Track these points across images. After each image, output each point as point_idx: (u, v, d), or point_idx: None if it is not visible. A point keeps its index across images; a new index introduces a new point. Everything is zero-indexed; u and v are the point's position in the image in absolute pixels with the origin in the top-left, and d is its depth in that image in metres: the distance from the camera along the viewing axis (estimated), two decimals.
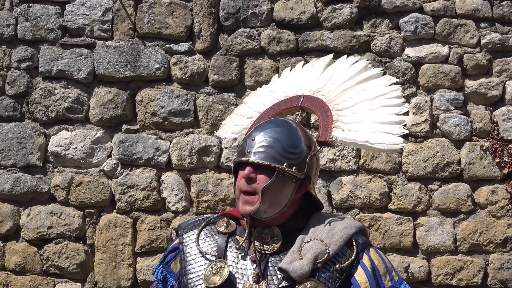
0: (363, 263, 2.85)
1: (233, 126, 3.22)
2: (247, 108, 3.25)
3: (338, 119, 3.04)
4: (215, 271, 2.80)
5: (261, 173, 2.79)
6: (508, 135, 5.91)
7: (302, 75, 3.32)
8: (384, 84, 3.19)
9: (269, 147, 2.80)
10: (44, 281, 5.91)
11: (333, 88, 3.15)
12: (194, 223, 2.99)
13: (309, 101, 3.11)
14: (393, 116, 3.09)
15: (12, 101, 5.93)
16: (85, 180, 5.88)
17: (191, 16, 5.93)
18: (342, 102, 3.10)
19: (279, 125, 2.88)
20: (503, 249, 5.89)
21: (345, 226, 2.88)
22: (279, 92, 3.22)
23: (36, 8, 5.94)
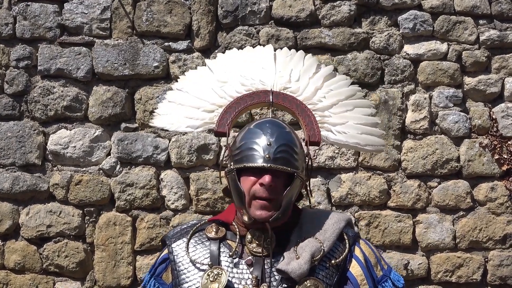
0: (356, 256, 2.87)
1: (184, 119, 3.11)
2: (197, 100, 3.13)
3: (323, 120, 3.06)
4: (212, 279, 2.76)
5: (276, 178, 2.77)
6: (507, 131, 5.91)
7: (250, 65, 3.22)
8: (346, 84, 3.24)
9: (285, 152, 2.79)
10: (44, 279, 5.91)
11: (302, 86, 3.13)
12: (182, 231, 2.95)
13: (281, 98, 3.07)
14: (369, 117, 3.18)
15: (11, 100, 5.93)
16: (84, 179, 5.88)
17: (190, 14, 5.93)
18: (318, 102, 3.10)
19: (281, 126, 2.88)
20: (503, 246, 5.90)
21: (335, 220, 2.89)
22: (235, 84, 3.13)
23: (35, 7, 5.93)
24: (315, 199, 5.84)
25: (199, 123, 3.08)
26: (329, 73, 3.25)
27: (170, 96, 3.22)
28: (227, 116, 3.01)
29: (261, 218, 2.76)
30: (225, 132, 2.98)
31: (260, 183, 2.75)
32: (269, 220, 2.76)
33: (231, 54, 3.34)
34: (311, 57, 3.32)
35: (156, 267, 2.96)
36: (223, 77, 3.18)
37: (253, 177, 2.77)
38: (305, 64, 3.26)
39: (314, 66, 3.26)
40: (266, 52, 3.32)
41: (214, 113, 3.06)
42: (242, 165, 2.79)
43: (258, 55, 3.30)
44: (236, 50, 3.37)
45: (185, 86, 3.21)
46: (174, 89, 3.24)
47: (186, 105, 3.14)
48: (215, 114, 3.06)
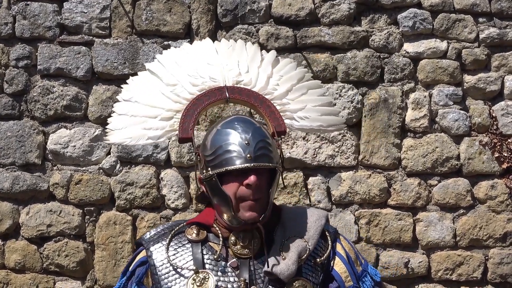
0: (339, 252, 2.85)
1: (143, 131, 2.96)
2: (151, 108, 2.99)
3: (283, 108, 2.99)
4: (199, 283, 2.69)
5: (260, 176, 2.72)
6: (507, 130, 5.91)
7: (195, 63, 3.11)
8: (293, 67, 3.18)
9: (264, 148, 2.73)
10: (44, 279, 5.91)
11: (253, 76, 3.06)
12: (159, 234, 2.84)
13: (237, 92, 2.99)
14: (324, 97, 3.13)
15: (11, 99, 5.93)
16: (84, 178, 5.88)
17: (189, 13, 5.92)
18: (274, 91, 3.04)
19: (250, 122, 2.80)
20: (503, 243, 5.90)
21: (316, 218, 2.85)
22: (186, 85, 3.02)
23: (34, 6, 5.93)
24: (315, 197, 5.84)
25: (160, 133, 2.94)
26: (274, 58, 3.18)
27: (119, 108, 3.05)
28: (188, 120, 2.90)
29: (251, 219, 2.70)
30: (190, 137, 2.88)
31: (246, 184, 2.68)
32: (259, 220, 2.70)
33: (170, 54, 3.21)
34: (252, 45, 3.25)
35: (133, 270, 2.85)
36: (171, 80, 3.05)
37: (237, 180, 2.70)
38: (249, 53, 3.19)
39: (258, 53, 3.19)
40: (207, 47, 3.22)
41: (173, 120, 2.95)
42: (223, 169, 2.69)
43: (199, 51, 3.19)
44: (174, 49, 3.24)
45: (132, 95, 3.05)
46: (121, 100, 3.07)
47: (140, 116, 2.99)
48: (174, 121, 2.94)
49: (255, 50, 3.21)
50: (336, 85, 5.88)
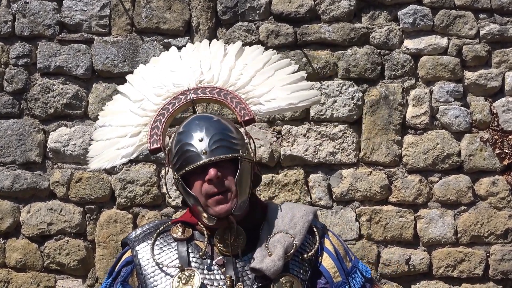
0: (327, 248, 2.85)
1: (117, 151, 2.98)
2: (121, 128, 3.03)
3: (248, 95, 3.00)
4: (184, 281, 2.69)
5: (223, 169, 2.71)
6: (508, 126, 5.90)
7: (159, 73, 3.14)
8: (259, 53, 3.18)
9: (222, 140, 2.73)
10: (45, 277, 5.91)
11: (215, 72, 3.06)
12: (144, 233, 2.85)
13: (200, 92, 3.00)
14: (293, 75, 3.11)
15: (11, 97, 5.92)
16: (84, 176, 5.88)
17: (189, 11, 5.91)
18: (237, 81, 3.04)
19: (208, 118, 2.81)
20: (504, 240, 5.89)
21: (303, 213, 2.85)
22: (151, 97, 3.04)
23: (34, 4, 5.93)
24: (316, 195, 5.83)
25: (131, 150, 2.96)
26: (238, 49, 3.19)
27: (95, 135, 3.11)
28: (155, 131, 2.92)
29: (222, 213, 2.69)
30: (159, 147, 2.90)
31: (208, 180, 2.68)
32: (231, 212, 2.70)
33: (139, 71, 3.25)
34: (216, 42, 3.26)
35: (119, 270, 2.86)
36: (137, 96, 3.08)
37: (200, 177, 2.71)
38: (212, 51, 3.20)
39: (221, 49, 3.19)
40: (171, 55, 3.25)
41: (142, 134, 2.97)
42: (184, 171, 2.72)
43: (164, 61, 3.22)
44: (143, 65, 3.28)
45: (106, 120, 3.10)
46: (97, 127, 3.13)
47: (113, 138, 3.02)
48: (143, 135, 2.96)
49: (219, 46, 3.22)
50: (336, 82, 5.87)
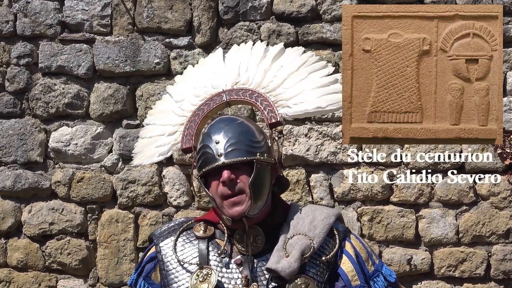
0: (347, 251, 2.86)
1: (155, 149, 3.11)
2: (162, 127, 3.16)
3: (277, 98, 3.03)
4: (202, 279, 2.74)
5: (239, 172, 2.76)
6: (510, 126, 5.89)
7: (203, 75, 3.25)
8: (298, 55, 3.21)
9: (237, 143, 2.78)
10: (47, 277, 5.92)
11: (251, 74, 3.11)
12: (169, 230, 2.94)
13: (234, 94, 3.07)
14: (326, 77, 3.13)
15: (12, 97, 5.93)
16: (86, 176, 5.88)
17: (191, 10, 5.91)
18: (269, 83, 3.08)
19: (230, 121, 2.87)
20: (506, 240, 5.88)
21: (324, 216, 2.86)
22: (190, 98, 3.14)
23: (35, 4, 5.93)
24: (317, 194, 5.83)
25: (167, 148, 3.07)
26: (277, 51, 3.22)
27: (142, 133, 3.25)
28: (189, 131, 3.01)
29: (236, 215, 2.74)
30: (190, 147, 2.98)
31: (222, 182, 2.74)
32: (245, 214, 2.74)
33: (187, 72, 3.35)
34: (258, 44, 3.30)
35: (143, 266, 2.94)
36: (179, 97, 3.19)
37: (216, 179, 2.77)
38: (252, 53, 3.25)
39: (261, 50, 3.24)
40: (216, 57, 3.33)
41: (178, 133, 3.07)
42: (201, 172, 2.81)
43: (209, 63, 3.31)
44: (191, 67, 3.38)
45: (151, 119, 3.24)
46: (144, 125, 3.27)
47: (154, 136, 3.15)
48: (179, 134, 3.06)
49: (259, 48, 3.26)
50: None
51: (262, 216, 2.82)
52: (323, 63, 3.19)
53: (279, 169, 2.92)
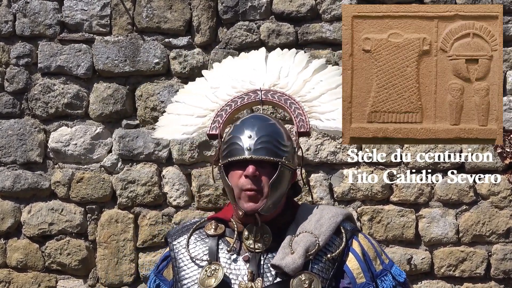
0: (353, 249, 2.91)
1: (180, 127, 3.20)
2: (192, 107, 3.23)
3: (312, 109, 3.11)
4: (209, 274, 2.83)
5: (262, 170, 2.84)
6: (509, 125, 5.89)
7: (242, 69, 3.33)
8: (338, 74, 3.25)
9: (268, 142, 2.85)
10: (46, 277, 5.92)
11: (290, 80, 3.19)
12: (183, 229, 3.04)
13: (270, 95, 3.14)
14: None
15: (11, 97, 5.93)
16: (85, 176, 5.88)
17: (190, 10, 5.91)
18: (307, 93, 3.16)
19: (264, 119, 2.96)
20: (506, 239, 5.88)
21: (332, 215, 2.93)
22: (226, 88, 3.22)
23: (34, 4, 5.92)
24: (317, 194, 5.83)
25: (193, 129, 3.16)
26: (319, 65, 3.30)
27: (169, 108, 3.33)
28: (218, 118, 3.09)
29: (250, 209, 2.82)
30: (216, 134, 3.06)
31: (245, 175, 2.82)
32: (258, 211, 2.82)
33: (226, 61, 3.45)
34: (302, 54, 3.39)
35: (158, 265, 3.06)
36: (215, 83, 3.27)
37: (239, 171, 2.86)
38: (295, 60, 3.33)
39: (304, 61, 3.33)
40: (258, 55, 3.41)
41: (207, 117, 3.15)
42: (226, 161, 2.89)
43: (250, 59, 3.40)
44: (231, 57, 3.47)
45: (182, 97, 3.32)
46: (173, 101, 3.34)
47: (182, 114, 3.23)
48: (207, 118, 3.14)
49: (303, 58, 3.36)
50: None
51: (273, 215, 2.90)
52: None
53: (297, 176, 3.00)
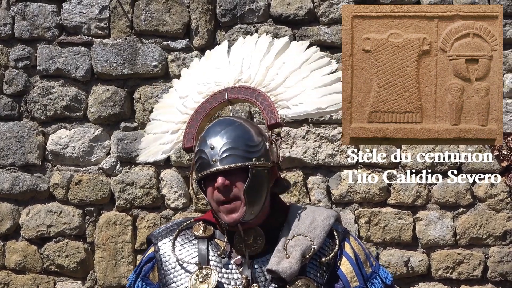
0: (346, 252, 2.83)
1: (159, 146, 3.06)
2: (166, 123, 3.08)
3: (278, 98, 2.95)
4: (201, 279, 2.71)
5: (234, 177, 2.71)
6: (506, 128, 5.90)
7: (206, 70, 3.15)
8: (301, 50, 3.11)
9: (233, 149, 2.72)
10: (45, 279, 5.91)
11: (253, 71, 3.03)
12: (167, 230, 2.88)
13: (236, 92, 2.99)
14: (328, 76, 3.02)
15: (10, 100, 5.93)
16: (84, 178, 5.88)
17: (188, 13, 5.92)
18: (271, 81, 3.00)
19: (227, 124, 2.79)
20: (503, 242, 5.89)
21: (324, 217, 2.83)
22: (193, 95, 3.05)
23: (33, 7, 5.93)
24: (315, 197, 5.84)
25: (169, 146, 3.03)
26: (283, 45, 3.14)
27: (148, 128, 3.18)
28: (191, 130, 2.95)
29: (231, 222, 2.71)
30: (191, 147, 2.92)
31: (216, 188, 2.70)
32: (240, 221, 2.71)
33: (193, 65, 3.27)
34: (264, 37, 3.21)
35: (141, 266, 2.89)
36: (183, 92, 3.11)
37: (211, 184, 2.73)
38: (256, 47, 3.15)
39: (265, 46, 3.14)
40: (220, 50, 3.23)
41: (180, 131, 3.01)
42: (197, 177, 2.77)
43: (213, 57, 3.22)
44: (197, 60, 3.29)
45: (157, 114, 3.17)
46: (151, 119, 3.19)
47: (158, 133, 3.09)
48: (181, 132, 3.00)
49: (263, 42, 3.17)
50: None
51: (261, 218, 2.78)
52: (327, 59, 3.08)
53: (277, 171, 2.86)
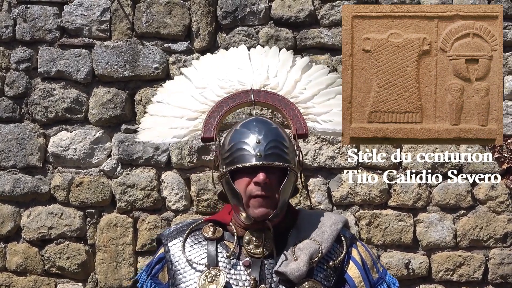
0: (354, 257, 2.89)
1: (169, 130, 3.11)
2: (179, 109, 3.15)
3: (307, 111, 3.08)
4: (210, 280, 2.76)
5: (271, 175, 2.78)
6: (507, 130, 5.91)
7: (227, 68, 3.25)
8: (324, 73, 3.25)
9: (275, 147, 2.80)
10: (46, 281, 5.91)
11: (281, 81, 3.14)
12: (177, 230, 2.94)
13: (262, 96, 3.08)
14: None
15: (11, 102, 5.94)
16: (85, 180, 5.89)
17: (189, 15, 5.93)
18: (299, 94, 3.12)
19: (267, 123, 2.88)
20: (503, 244, 5.90)
21: (332, 222, 2.90)
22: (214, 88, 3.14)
23: (34, 9, 5.94)
24: (315, 199, 5.84)
25: (184, 132, 3.09)
26: (305, 64, 3.27)
27: (151, 109, 3.24)
28: (211, 121, 3.02)
29: (260, 216, 2.76)
30: (211, 137, 2.99)
31: (255, 182, 2.75)
32: (269, 218, 2.76)
33: (206, 59, 3.37)
34: (285, 52, 3.34)
35: (152, 267, 2.94)
36: (201, 83, 3.19)
37: (247, 177, 2.78)
38: (280, 59, 3.28)
39: (290, 60, 3.28)
40: (240, 53, 3.34)
41: (198, 120, 3.08)
42: (234, 167, 2.80)
43: (232, 57, 3.32)
44: (211, 55, 3.40)
45: (165, 97, 3.23)
46: (154, 101, 3.26)
47: (169, 116, 3.14)
48: (199, 121, 3.07)
49: (287, 56, 3.31)
50: None
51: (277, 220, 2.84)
52: None
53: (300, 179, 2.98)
